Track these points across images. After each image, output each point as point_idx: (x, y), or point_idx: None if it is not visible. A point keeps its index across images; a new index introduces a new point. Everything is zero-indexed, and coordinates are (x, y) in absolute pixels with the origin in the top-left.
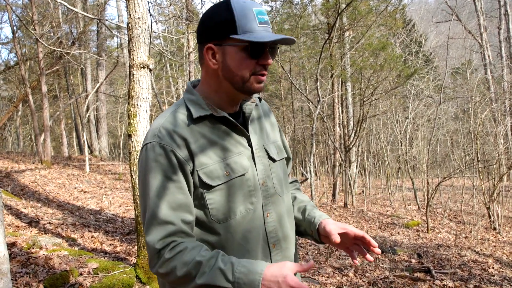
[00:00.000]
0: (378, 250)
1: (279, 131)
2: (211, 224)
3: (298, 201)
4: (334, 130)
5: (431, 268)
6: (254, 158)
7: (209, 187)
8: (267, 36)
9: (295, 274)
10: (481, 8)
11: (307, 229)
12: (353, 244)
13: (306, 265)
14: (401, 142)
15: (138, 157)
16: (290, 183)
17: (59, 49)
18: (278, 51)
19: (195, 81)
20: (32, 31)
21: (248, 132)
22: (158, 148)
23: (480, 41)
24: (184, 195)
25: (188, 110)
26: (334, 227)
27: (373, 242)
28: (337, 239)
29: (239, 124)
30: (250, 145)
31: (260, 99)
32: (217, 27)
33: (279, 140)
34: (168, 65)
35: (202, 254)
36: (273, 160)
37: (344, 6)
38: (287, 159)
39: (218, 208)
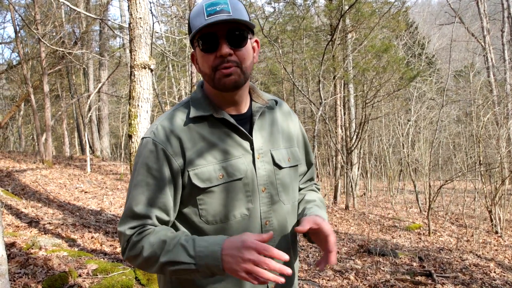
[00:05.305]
0: (332, 262)
1: (302, 136)
2: (201, 224)
3: (303, 202)
4: (336, 132)
5: (433, 272)
6: (255, 162)
7: (198, 189)
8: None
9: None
10: (484, 10)
11: None
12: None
13: (266, 235)
14: (403, 144)
15: None
16: (302, 187)
17: (61, 49)
18: (280, 52)
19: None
20: (35, 31)
21: (252, 135)
22: (151, 145)
23: (483, 43)
24: (164, 195)
25: (189, 109)
26: (310, 219)
27: (331, 257)
28: (303, 227)
29: (245, 126)
30: (252, 149)
31: (276, 102)
32: (189, 35)
33: (299, 145)
34: (170, 66)
35: (167, 234)
36: (279, 167)
37: (347, 7)
38: (308, 165)
39: (209, 210)
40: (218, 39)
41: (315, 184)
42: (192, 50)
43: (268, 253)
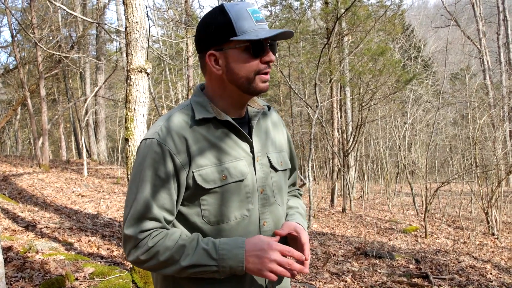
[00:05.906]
0: (304, 271)
1: (288, 142)
2: (202, 225)
3: (286, 207)
4: (332, 135)
5: (429, 273)
6: (255, 165)
7: (203, 189)
8: (267, 32)
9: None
10: (480, 13)
11: None
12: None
13: (275, 238)
14: (399, 147)
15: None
16: (289, 190)
17: (58, 53)
18: (277, 55)
19: (204, 84)
20: (31, 35)
21: (252, 138)
22: (156, 146)
23: (479, 46)
24: (170, 196)
25: (192, 111)
26: (291, 225)
27: (304, 265)
28: (283, 231)
29: (244, 129)
30: (252, 151)
31: (269, 107)
32: (216, 33)
33: (286, 151)
34: (167, 69)
35: (183, 238)
36: (275, 170)
37: (343, 11)
38: (292, 170)
39: (211, 211)
40: (264, 45)
41: (298, 189)
42: (211, 50)
43: (290, 254)
